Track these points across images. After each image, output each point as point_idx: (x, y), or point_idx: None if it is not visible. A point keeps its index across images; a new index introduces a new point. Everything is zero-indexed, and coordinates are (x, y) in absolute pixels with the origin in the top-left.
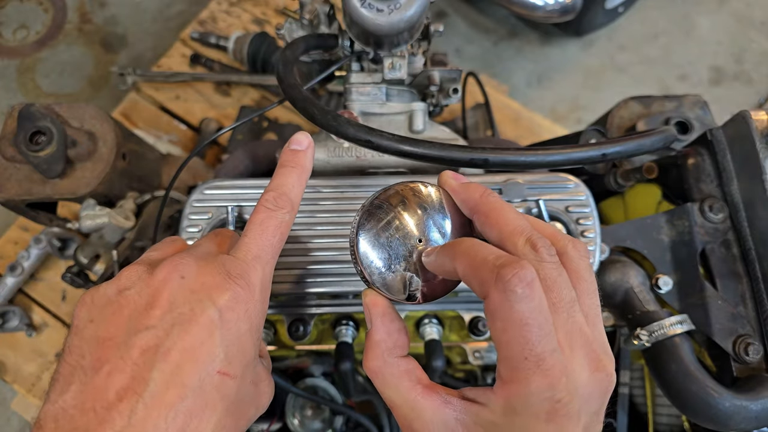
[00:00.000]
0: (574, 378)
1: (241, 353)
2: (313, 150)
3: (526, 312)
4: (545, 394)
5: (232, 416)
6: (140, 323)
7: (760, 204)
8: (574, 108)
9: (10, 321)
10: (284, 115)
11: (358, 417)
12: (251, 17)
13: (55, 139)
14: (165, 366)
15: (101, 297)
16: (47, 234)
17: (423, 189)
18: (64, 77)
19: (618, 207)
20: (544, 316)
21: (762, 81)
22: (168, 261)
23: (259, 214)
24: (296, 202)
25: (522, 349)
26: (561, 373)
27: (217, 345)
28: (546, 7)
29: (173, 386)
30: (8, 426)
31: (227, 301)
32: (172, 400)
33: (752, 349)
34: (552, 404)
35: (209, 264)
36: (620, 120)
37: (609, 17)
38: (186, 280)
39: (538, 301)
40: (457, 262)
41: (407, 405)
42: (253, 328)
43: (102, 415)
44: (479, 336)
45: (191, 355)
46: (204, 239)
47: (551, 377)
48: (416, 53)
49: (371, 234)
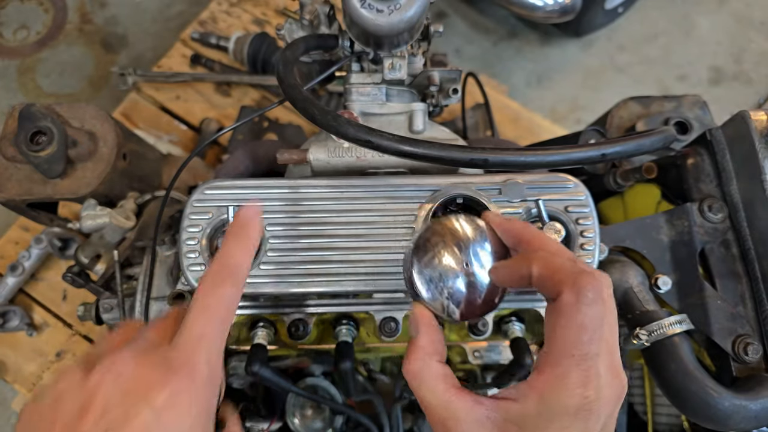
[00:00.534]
0: (600, 381)
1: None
2: (258, 222)
3: (589, 316)
4: (578, 390)
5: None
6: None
7: (760, 204)
8: (574, 108)
9: (10, 321)
10: (284, 115)
11: (358, 416)
12: (251, 18)
13: (55, 139)
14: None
15: (35, 412)
16: (48, 234)
17: (468, 222)
18: (65, 77)
19: (617, 207)
20: (599, 324)
21: (761, 81)
22: (104, 360)
23: (202, 290)
24: (241, 274)
25: (572, 346)
26: (595, 375)
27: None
28: (546, 7)
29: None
30: (9, 425)
31: (165, 400)
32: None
33: (751, 348)
34: (582, 400)
35: (148, 358)
36: (620, 120)
37: (608, 17)
38: (121, 381)
39: (600, 310)
40: (534, 264)
41: (442, 405)
42: (201, 415)
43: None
44: (479, 336)
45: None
46: (149, 328)
47: (587, 376)
48: (416, 54)
49: (425, 257)
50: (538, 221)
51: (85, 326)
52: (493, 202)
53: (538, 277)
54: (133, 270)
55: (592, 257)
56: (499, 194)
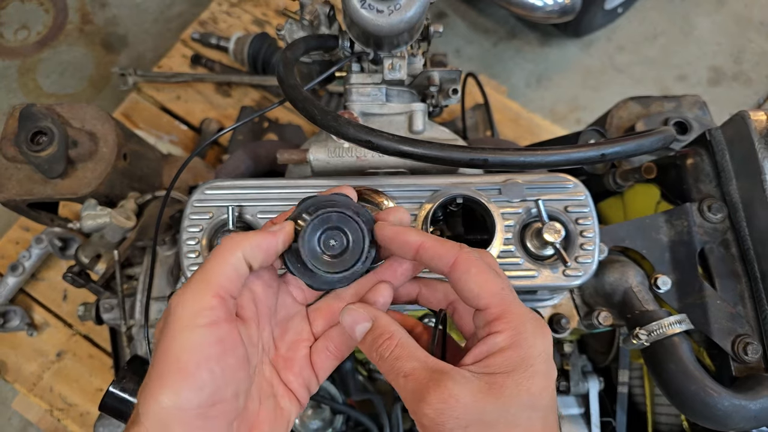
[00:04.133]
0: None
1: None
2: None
3: (488, 262)
4: (530, 314)
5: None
6: None
7: (759, 204)
8: (574, 108)
9: (11, 321)
10: (285, 115)
11: (358, 416)
12: (252, 18)
13: (56, 140)
14: None
15: None
16: (48, 234)
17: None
18: (65, 77)
19: (617, 207)
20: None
21: (761, 81)
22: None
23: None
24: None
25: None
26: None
27: None
28: (545, 7)
29: None
30: (9, 425)
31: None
32: None
33: (751, 348)
34: (536, 321)
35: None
36: (619, 120)
37: (608, 18)
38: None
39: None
40: (423, 238)
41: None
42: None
43: None
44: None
45: None
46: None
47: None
48: (416, 54)
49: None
50: (538, 221)
51: (85, 326)
52: (492, 202)
53: (426, 248)
54: (133, 270)
55: (592, 257)
56: (499, 194)
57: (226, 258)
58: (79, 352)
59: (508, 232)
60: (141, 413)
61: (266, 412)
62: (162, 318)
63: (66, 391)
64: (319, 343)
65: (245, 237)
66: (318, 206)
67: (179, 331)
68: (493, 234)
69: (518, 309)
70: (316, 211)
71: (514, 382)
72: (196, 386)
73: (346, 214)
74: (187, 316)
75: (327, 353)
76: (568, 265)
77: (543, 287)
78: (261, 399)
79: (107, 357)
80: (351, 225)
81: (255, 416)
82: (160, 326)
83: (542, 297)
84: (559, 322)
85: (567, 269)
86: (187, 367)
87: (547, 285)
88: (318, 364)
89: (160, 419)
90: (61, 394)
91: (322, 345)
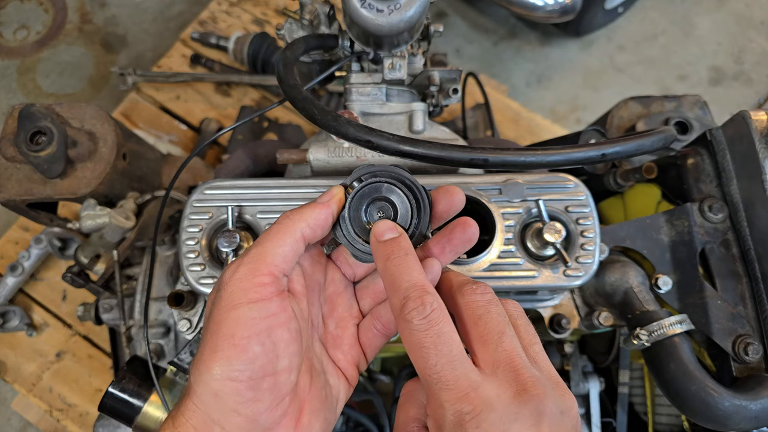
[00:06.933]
0: (488, 396)
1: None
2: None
3: (420, 338)
4: (455, 406)
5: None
6: None
7: (760, 204)
8: (574, 108)
9: (10, 321)
10: (284, 115)
11: (358, 416)
12: (251, 17)
13: (55, 139)
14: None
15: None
16: (48, 234)
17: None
18: (65, 77)
19: (617, 207)
20: (442, 341)
21: (761, 81)
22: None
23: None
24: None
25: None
26: (468, 388)
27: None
28: (546, 7)
29: None
30: (8, 426)
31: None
32: None
33: (752, 348)
34: (459, 416)
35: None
36: (620, 120)
37: (609, 17)
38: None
39: (436, 330)
40: (386, 270)
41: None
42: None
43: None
44: None
45: None
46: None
47: (456, 390)
48: (416, 53)
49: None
50: (538, 221)
51: (84, 326)
52: (493, 202)
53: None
54: (132, 270)
55: (592, 257)
56: (499, 194)
57: (283, 238)
58: (79, 352)
59: (509, 232)
60: (193, 383)
61: (316, 389)
62: (213, 290)
63: (65, 391)
64: (367, 321)
65: (302, 215)
66: (371, 174)
67: (232, 306)
68: (493, 234)
69: (439, 400)
70: (368, 179)
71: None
72: (247, 359)
73: (396, 185)
74: (239, 290)
75: (375, 331)
76: (568, 265)
77: (543, 287)
78: (312, 376)
79: (107, 357)
80: (400, 197)
81: (305, 393)
82: (212, 298)
83: (543, 297)
84: (560, 322)
85: (567, 269)
86: (239, 341)
87: (548, 285)
88: (366, 342)
89: (212, 389)
90: (61, 395)
91: (369, 323)
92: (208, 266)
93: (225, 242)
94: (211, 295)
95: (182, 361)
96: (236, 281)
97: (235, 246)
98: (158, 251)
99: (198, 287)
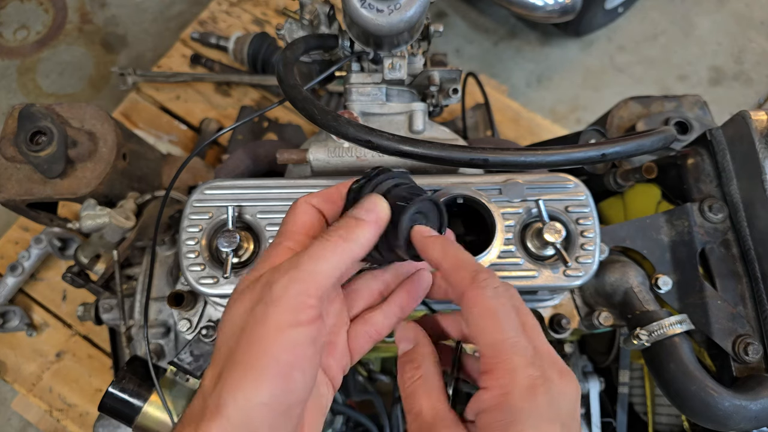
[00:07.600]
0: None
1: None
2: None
3: (496, 305)
4: (527, 371)
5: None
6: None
7: (760, 204)
8: (574, 108)
9: (10, 321)
10: (284, 115)
11: (358, 416)
12: (251, 17)
13: (55, 139)
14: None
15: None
16: (48, 234)
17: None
18: (65, 77)
19: (617, 207)
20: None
21: (761, 81)
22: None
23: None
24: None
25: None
26: (535, 357)
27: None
28: (546, 7)
29: None
30: (8, 426)
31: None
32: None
33: (752, 348)
34: (532, 379)
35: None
36: (620, 120)
37: (609, 17)
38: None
39: (510, 295)
40: (441, 257)
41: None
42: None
43: None
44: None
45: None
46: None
47: (526, 356)
48: (416, 53)
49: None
50: (538, 221)
51: (84, 326)
52: (493, 202)
53: (443, 270)
54: (132, 270)
55: (592, 257)
56: (499, 194)
57: (341, 260)
58: (79, 352)
59: (509, 232)
60: (222, 405)
61: (313, 402)
62: (249, 299)
63: (65, 391)
64: (358, 327)
65: (356, 238)
66: (410, 191)
67: (279, 326)
68: (493, 234)
69: (511, 365)
70: (410, 195)
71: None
72: (288, 388)
73: (434, 201)
74: (289, 310)
75: (367, 337)
76: (568, 266)
77: (543, 287)
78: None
79: (107, 357)
80: (431, 209)
81: (307, 409)
82: (248, 307)
83: (543, 297)
84: (560, 322)
85: (567, 269)
86: (284, 368)
87: (548, 285)
88: (355, 348)
89: (246, 414)
90: (61, 395)
91: (361, 329)
92: (208, 266)
93: (225, 242)
94: (245, 302)
95: (182, 361)
96: (288, 299)
97: (235, 246)
98: (158, 251)
99: (198, 287)
